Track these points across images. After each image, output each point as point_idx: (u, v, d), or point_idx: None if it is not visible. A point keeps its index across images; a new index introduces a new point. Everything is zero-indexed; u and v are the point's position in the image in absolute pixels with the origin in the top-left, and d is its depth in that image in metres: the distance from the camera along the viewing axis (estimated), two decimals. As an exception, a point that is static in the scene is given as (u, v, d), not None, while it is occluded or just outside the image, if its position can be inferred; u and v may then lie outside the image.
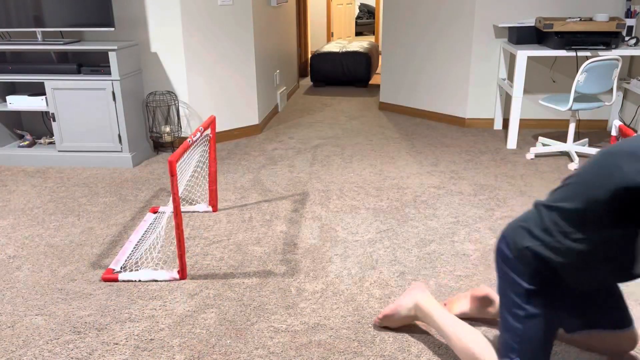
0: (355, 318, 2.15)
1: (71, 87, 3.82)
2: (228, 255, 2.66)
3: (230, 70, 4.50)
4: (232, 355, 1.94)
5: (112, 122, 3.89)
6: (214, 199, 3.15)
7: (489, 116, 4.98)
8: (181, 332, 2.08)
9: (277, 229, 2.96)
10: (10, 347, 2.00)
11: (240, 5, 4.39)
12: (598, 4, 4.56)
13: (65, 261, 2.62)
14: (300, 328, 2.09)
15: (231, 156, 4.23)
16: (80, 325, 2.12)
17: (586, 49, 4.03)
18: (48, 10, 3.84)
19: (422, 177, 3.71)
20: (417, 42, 5.22)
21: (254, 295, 2.32)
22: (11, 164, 4.06)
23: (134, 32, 4.17)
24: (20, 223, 3.06)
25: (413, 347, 1.97)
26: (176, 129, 4.35)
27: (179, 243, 2.33)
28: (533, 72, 4.83)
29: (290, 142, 4.59)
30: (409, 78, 5.41)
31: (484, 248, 2.71)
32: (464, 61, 4.88)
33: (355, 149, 4.36)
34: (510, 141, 4.31)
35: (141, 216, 3.14)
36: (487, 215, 3.10)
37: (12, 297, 2.33)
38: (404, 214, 3.12)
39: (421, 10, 5.10)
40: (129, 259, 2.62)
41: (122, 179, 3.74)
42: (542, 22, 4.05)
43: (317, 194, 3.43)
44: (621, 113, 4.76)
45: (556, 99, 3.94)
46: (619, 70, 3.74)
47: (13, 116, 4.32)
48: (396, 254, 2.65)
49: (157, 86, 4.31)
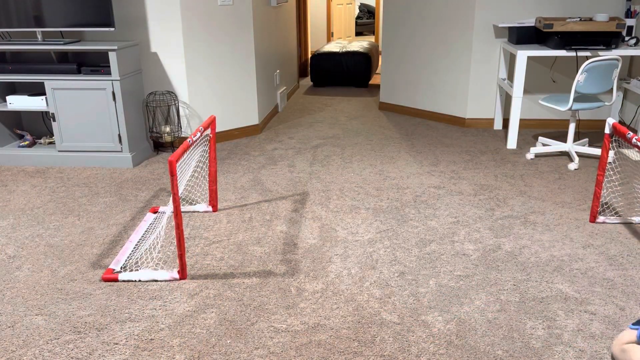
0: (355, 318, 2.15)
1: (71, 87, 3.82)
2: (228, 255, 2.66)
3: (230, 70, 4.50)
4: (232, 355, 1.94)
5: (112, 122, 3.88)
6: (214, 199, 3.15)
7: (489, 116, 4.98)
8: (181, 332, 2.08)
9: (277, 229, 2.96)
10: (10, 347, 2.00)
11: (240, 5, 4.39)
12: (598, 4, 4.56)
13: (65, 261, 2.62)
14: (300, 328, 2.09)
15: (231, 156, 4.23)
16: (80, 325, 2.12)
17: (586, 49, 4.03)
18: (48, 10, 3.84)
19: (422, 177, 3.71)
20: (417, 42, 5.22)
21: (254, 295, 2.32)
22: (11, 164, 4.06)
23: (134, 32, 4.17)
24: (20, 223, 3.06)
25: (413, 347, 1.97)
26: (176, 129, 4.35)
27: (179, 243, 2.33)
28: (533, 72, 4.83)
29: (290, 142, 4.59)
30: (409, 78, 5.41)
31: (484, 248, 2.71)
32: (464, 61, 4.88)
33: (355, 149, 4.36)
34: (510, 141, 4.31)
35: (141, 216, 3.14)
36: (487, 215, 3.10)
37: (12, 297, 2.33)
38: (404, 214, 3.12)
39: (421, 10, 5.10)
40: (129, 259, 2.62)
41: (122, 179, 3.74)
42: (542, 22, 4.05)
43: (317, 194, 3.43)
44: (621, 113, 4.76)
45: (556, 99, 3.94)
46: (619, 70, 3.74)
47: (13, 116, 4.32)
48: (396, 254, 2.65)
49: (157, 86, 4.31)
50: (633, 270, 2.48)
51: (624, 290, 2.32)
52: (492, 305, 2.22)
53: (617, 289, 2.33)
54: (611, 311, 2.17)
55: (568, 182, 3.58)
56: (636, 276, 2.43)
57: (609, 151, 2.75)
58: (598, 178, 2.84)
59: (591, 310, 2.18)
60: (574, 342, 1.99)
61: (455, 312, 2.18)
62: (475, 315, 2.15)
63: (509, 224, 2.98)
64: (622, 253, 2.64)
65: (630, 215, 3.04)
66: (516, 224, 2.97)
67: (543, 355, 1.92)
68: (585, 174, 3.72)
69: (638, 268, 2.50)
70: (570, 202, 3.27)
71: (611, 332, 2.04)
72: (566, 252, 2.66)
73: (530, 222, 2.99)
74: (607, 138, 2.76)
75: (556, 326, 2.08)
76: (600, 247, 2.70)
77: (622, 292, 2.31)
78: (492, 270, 2.50)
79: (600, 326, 2.08)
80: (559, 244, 2.73)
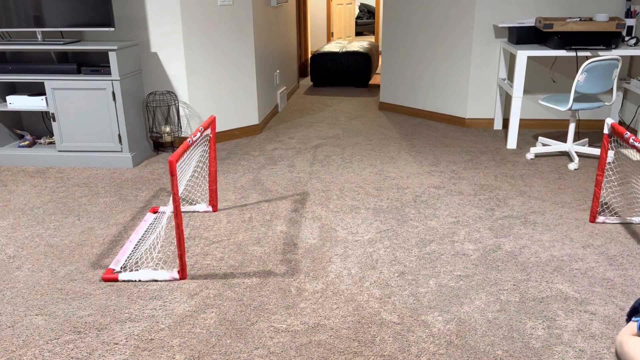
0: (355, 318, 2.15)
1: (71, 87, 3.82)
2: (228, 255, 2.66)
3: (230, 70, 4.50)
4: (232, 355, 1.94)
5: (112, 122, 3.88)
6: (214, 199, 3.15)
7: (489, 116, 4.98)
8: (181, 332, 2.08)
9: (277, 229, 2.96)
10: (10, 347, 2.00)
11: (240, 5, 4.39)
12: (598, 4, 4.56)
13: (65, 261, 2.62)
14: (300, 328, 2.09)
15: (231, 156, 4.23)
16: (80, 325, 2.12)
17: (586, 49, 4.03)
18: (48, 10, 3.84)
19: (422, 177, 3.71)
20: (417, 42, 5.21)
21: (254, 295, 2.32)
22: (11, 164, 4.06)
23: (134, 32, 4.17)
24: (20, 223, 3.06)
25: (413, 347, 1.97)
26: (176, 129, 4.35)
27: (179, 243, 2.33)
28: (533, 72, 4.83)
29: (290, 142, 4.59)
30: (409, 78, 5.41)
31: (484, 248, 2.71)
32: (464, 61, 4.88)
33: (355, 149, 4.36)
34: (510, 141, 4.31)
35: (141, 216, 3.14)
36: (487, 215, 3.10)
37: (12, 297, 2.33)
38: (404, 214, 3.12)
39: (421, 10, 5.10)
40: (129, 259, 2.62)
41: (122, 179, 3.74)
42: (542, 22, 4.05)
43: (317, 194, 3.43)
44: (621, 113, 4.76)
45: (556, 99, 3.94)
46: (619, 70, 3.74)
47: (13, 116, 4.32)
48: (396, 254, 2.65)
49: (157, 86, 4.31)
50: (633, 270, 2.48)
51: (624, 290, 2.32)
52: (492, 305, 2.22)
53: (617, 289, 2.33)
54: (611, 311, 2.17)
55: (568, 182, 3.58)
56: (636, 276, 2.43)
57: (608, 151, 2.75)
58: (597, 178, 2.84)
59: (591, 310, 2.18)
60: (574, 342, 1.99)
61: (455, 312, 2.18)
62: (475, 315, 2.15)
63: (509, 224, 2.98)
64: (622, 253, 2.64)
65: (630, 216, 3.04)
66: (516, 224, 2.97)
67: (543, 355, 1.92)
68: (585, 174, 3.72)
69: (638, 268, 2.50)
70: (570, 202, 3.27)
71: (611, 332, 2.04)
72: (566, 252, 2.66)
73: (530, 222, 2.99)
74: (605, 138, 2.76)
75: (556, 326, 2.08)
76: (600, 247, 2.70)
77: (622, 292, 2.31)
78: (492, 270, 2.50)
79: (600, 326, 2.08)
80: (559, 244, 2.73)
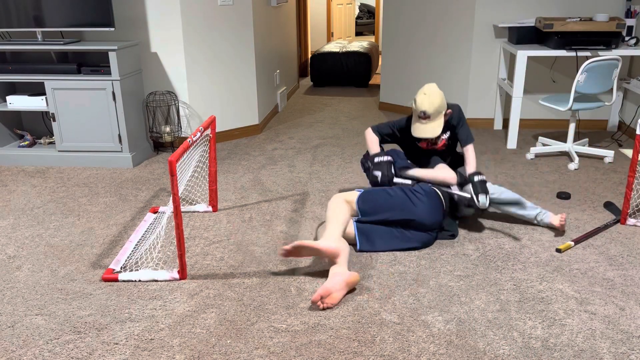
0: (355, 318, 2.15)
1: (71, 87, 3.82)
2: (228, 255, 2.66)
3: (230, 70, 4.50)
4: (232, 355, 1.94)
5: (112, 122, 3.89)
6: (214, 199, 3.15)
7: (489, 116, 4.98)
8: (181, 332, 2.08)
9: (277, 229, 2.96)
10: (10, 347, 2.00)
11: (240, 5, 4.39)
12: (598, 4, 4.56)
13: (65, 261, 2.62)
14: (300, 328, 2.09)
15: (231, 156, 4.23)
16: (80, 325, 2.12)
17: (586, 49, 4.03)
18: (48, 10, 3.84)
19: (422, 177, 3.70)
20: (417, 42, 5.22)
21: (254, 295, 2.32)
22: (11, 164, 4.06)
23: (134, 32, 4.17)
24: (20, 223, 3.06)
25: (413, 347, 1.97)
26: (176, 129, 4.35)
27: (179, 243, 2.33)
28: (533, 72, 4.83)
29: (290, 142, 4.59)
30: (409, 78, 5.41)
31: (484, 248, 2.71)
32: (464, 61, 4.88)
33: (356, 149, 4.36)
34: (510, 141, 4.31)
35: (141, 216, 3.14)
36: (487, 214, 3.10)
37: (12, 297, 2.33)
38: (404, 214, 3.11)
39: (421, 10, 5.10)
40: (129, 259, 2.62)
41: (122, 179, 3.74)
42: (542, 22, 4.05)
43: (317, 194, 3.43)
44: (621, 113, 4.76)
45: (556, 99, 3.94)
46: (619, 70, 3.74)
47: (13, 116, 4.32)
48: (396, 254, 2.65)
49: (157, 86, 4.31)
50: (633, 270, 2.48)
51: (624, 290, 2.32)
52: (492, 305, 2.22)
53: (617, 289, 2.33)
54: (611, 311, 2.17)
55: (568, 182, 3.58)
56: (636, 276, 2.43)
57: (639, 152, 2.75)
58: (629, 179, 2.83)
59: (591, 310, 2.18)
60: (574, 342, 1.99)
61: (455, 312, 2.18)
62: (475, 315, 2.15)
63: (509, 224, 2.98)
64: (622, 253, 2.64)
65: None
66: (516, 223, 2.97)
67: (543, 355, 1.92)
68: (585, 174, 3.72)
69: (638, 268, 2.50)
70: (570, 202, 3.27)
71: (611, 332, 2.04)
72: (566, 252, 2.66)
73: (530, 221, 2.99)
74: (638, 139, 2.75)
75: (556, 326, 2.08)
76: (600, 247, 2.70)
77: (622, 292, 2.31)
78: (492, 270, 2.50)
79: (600, 326, 2.08)
80: (558, 244, 2.73)
